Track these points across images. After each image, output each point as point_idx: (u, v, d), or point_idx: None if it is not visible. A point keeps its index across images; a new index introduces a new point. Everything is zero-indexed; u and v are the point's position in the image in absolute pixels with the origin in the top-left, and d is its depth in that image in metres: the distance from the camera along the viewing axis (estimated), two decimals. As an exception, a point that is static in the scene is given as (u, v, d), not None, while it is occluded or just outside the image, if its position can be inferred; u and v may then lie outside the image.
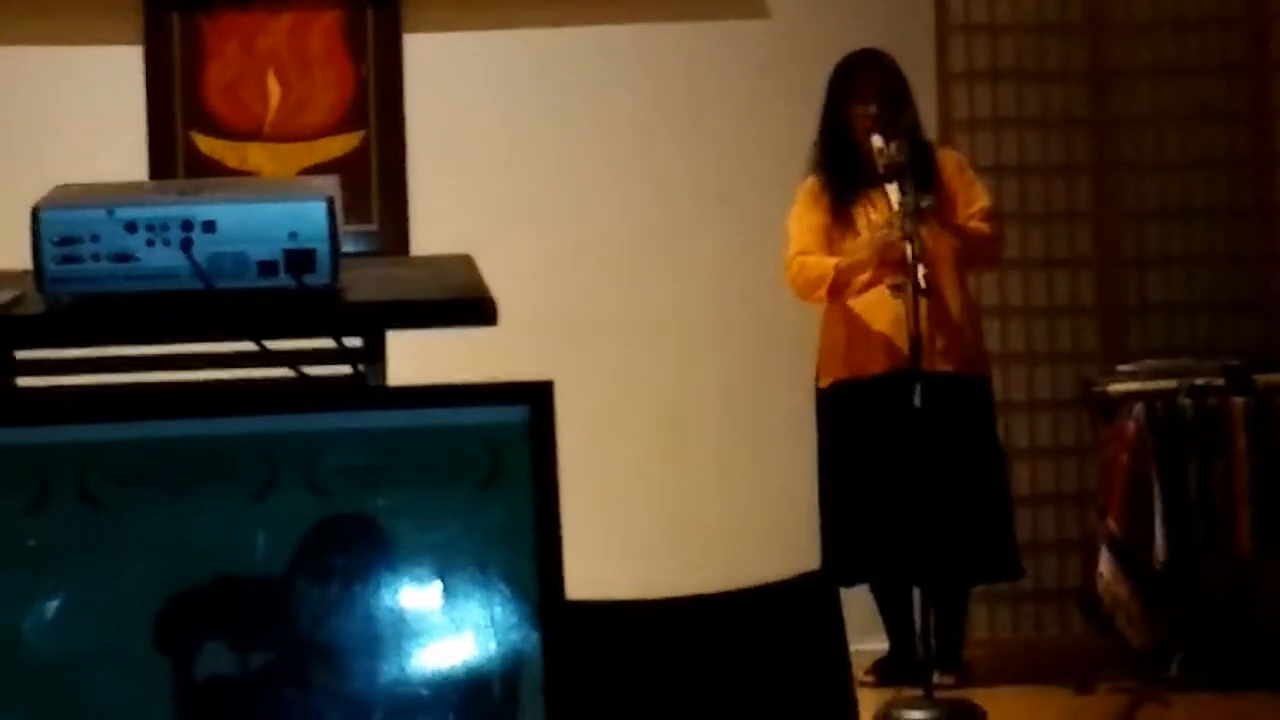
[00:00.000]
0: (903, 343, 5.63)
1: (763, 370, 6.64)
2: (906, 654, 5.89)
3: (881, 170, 5.77)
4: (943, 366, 5.84)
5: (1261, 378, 5.93)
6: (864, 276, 5.92)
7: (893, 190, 5.71)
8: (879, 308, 5.86)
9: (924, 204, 5.73)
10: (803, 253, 6.02)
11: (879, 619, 6.10)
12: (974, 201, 6.06)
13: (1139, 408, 5.84)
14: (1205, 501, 5.79)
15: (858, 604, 5.77)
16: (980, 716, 5.36)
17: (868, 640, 5.97)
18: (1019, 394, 6.75)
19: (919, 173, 5.84)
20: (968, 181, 6.09)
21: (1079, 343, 6.82)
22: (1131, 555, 5.81)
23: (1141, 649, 5.88)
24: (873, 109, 5.96)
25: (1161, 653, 5.88)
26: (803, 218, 6.06)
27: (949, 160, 6.13)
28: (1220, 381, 5.90)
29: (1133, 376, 6.05)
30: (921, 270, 5.43)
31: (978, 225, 6.02)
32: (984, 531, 5.90)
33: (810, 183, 6.09)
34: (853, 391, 5.95)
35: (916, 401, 5.41)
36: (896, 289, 5.66)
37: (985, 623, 6.60)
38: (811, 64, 6.56)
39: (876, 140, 5.81)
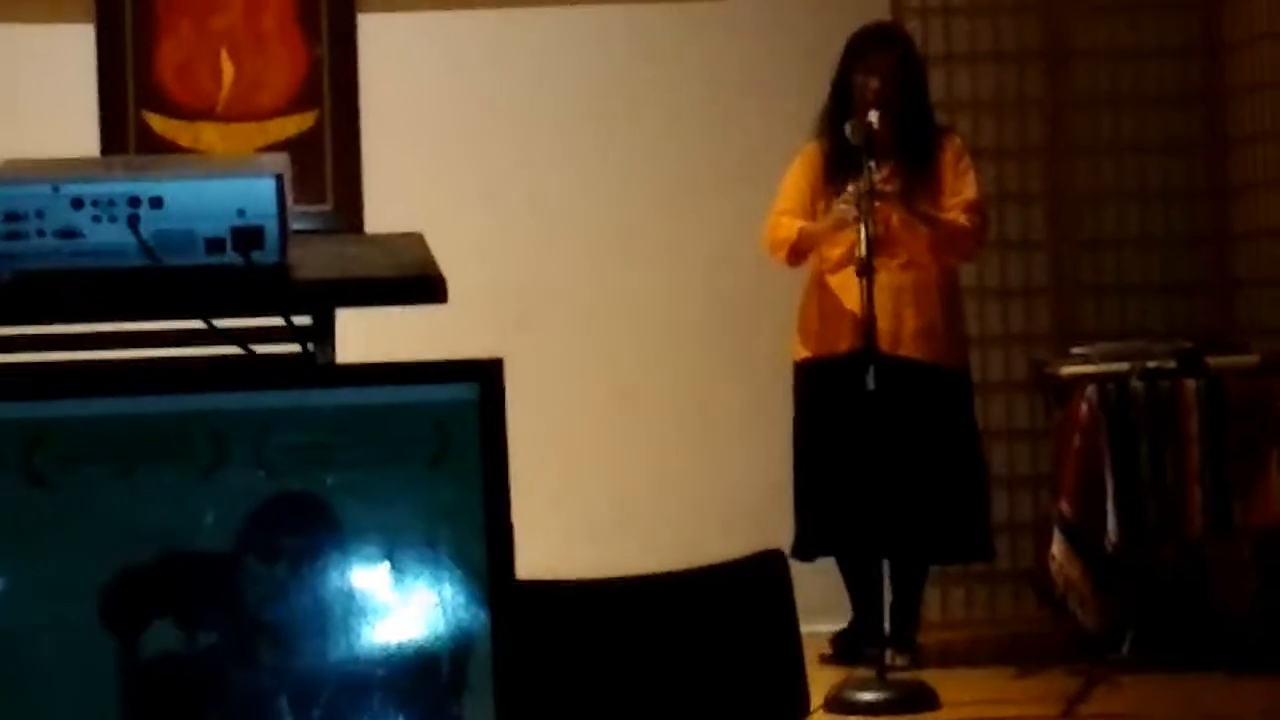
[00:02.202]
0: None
1: (719, 351, 6.64)
2: (871, 627, 5.83)
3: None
4: (911, 353, 5.85)
5: (1214, 360, 5.95)
6: (836, 252, 5.89)
7: (868, 168, 5.68)
8: (851, 286, 5.83)
9: (887, 188, 5.74)
10: (782, 212, 6.03)
11: (836, 599, 6.10)
12: (959, 192, 5.99)
13: (1091, 390, 5.85)
14: (1157, 484, 5.81)
15: (815, 584, 5.77)
16: (932, 697, 5.37)
17: (825, 620, 5.97)
18: (973, 375, 6.76)
19: (912, 154, 5.82)
20: (960, 171, 6.01)
21: (1032, 324, 6.84)
22: (1083, 537, 5.82)
23: (1093, 630, 5.90)
24: (874, 83, 5.91)
25: (1113, 634, 5.90)
26: (795, 178, 6.05)
27: (950, 147, 6.05)
28: (1172, 364, 5.91)
29: (1085, 359, 6.05)
30: (860, 250, 5.43)
31: (954, 217, 5.96)
32: (954, 513, 5.91)
33: (810, 148, 6.06)
34: (822, 368, 5.95)
35: (870, 384, 5.40)
36: (861, 266, 5.67)
37: (938, 604, 6.62)
38: (769, 46, 6.57)
39: (871, 115, 5.78)
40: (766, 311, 6.20)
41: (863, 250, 5.41)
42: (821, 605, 5.97)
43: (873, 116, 5.74)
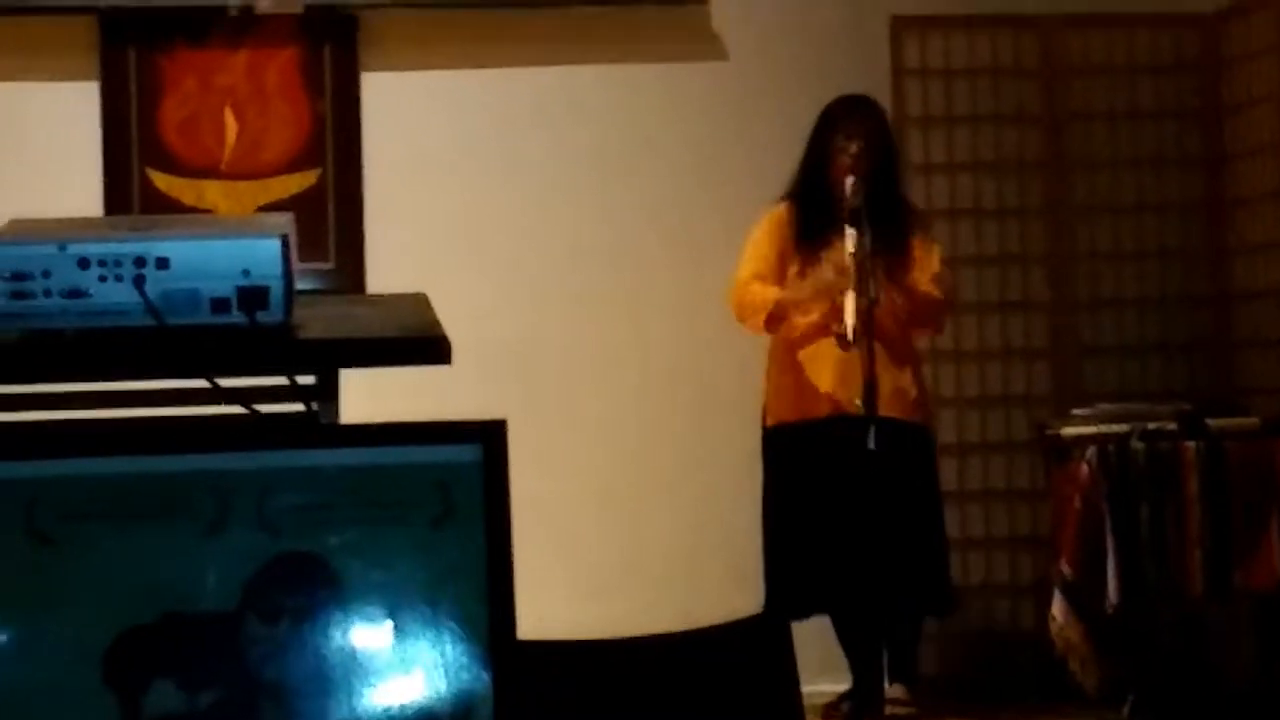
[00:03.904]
0: (844, 396, 5.65)
1: (718, 409, 6.64)
2: (872, 686, 5.82)
3: (844, 213, 5.75)
4: (889, 412, 5.85)
5: (1213, 421, 5.95)
6: (808, 319, 5.89)
7: (850, 235, 5.69)
8: (824, 361, 5.82)
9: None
10: (752, 277, 5.98)
11: (835, 658, 6.09)
12: (928, 268, 6.00)
13: (1092, 451, 5.86)
14: (1157, 545, 5.80)
15: (813, 644, 5.77)
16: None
17: (824, 680, 5.97)
18: (972, 436, 6.77)
19: (887, 225, 5.81)
20: (929, 249, 6.04)
21: (1032, 385, 6.85)
22: (1084, 598, 5.81)
23: (1094, 692, 5.89)
24: (854, 148, 5.92)
25: (1114, 696, 5.89)
26: (761, 242, 6.01)
27: (920, 226, 6.06)
28: (1172, 425, 5.92)
29: (1086, 420, 6.06)
30: (851, 320, 5.44)
31: (928, 289, 5.97)
32: (919, 569, 5.90)
33: (780, 209, 6.03)
34: (799, 431, 5.93)
35: (871, 444, 5.39)
36: (843, 341, 5.69)
37: (935, 662, 6.60)
38: (769, 106, 6.59)
39: (849, 180, 5.79)
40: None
41: (851, 321, 5.44)
42: (821, 665, 5.98)
43: (849, 182, 5.75)
